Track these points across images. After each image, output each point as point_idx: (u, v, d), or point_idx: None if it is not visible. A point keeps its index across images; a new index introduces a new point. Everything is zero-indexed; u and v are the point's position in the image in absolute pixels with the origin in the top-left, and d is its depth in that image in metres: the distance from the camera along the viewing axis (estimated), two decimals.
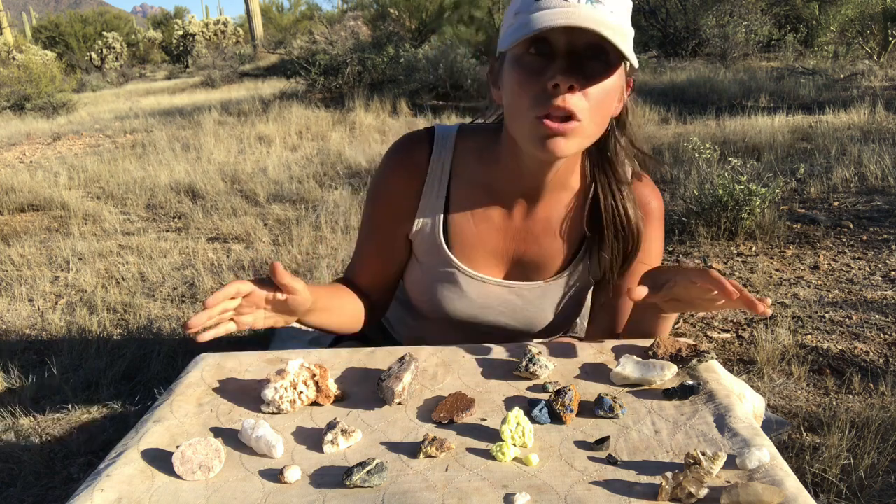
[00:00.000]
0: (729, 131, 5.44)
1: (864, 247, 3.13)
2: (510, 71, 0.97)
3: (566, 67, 0.91)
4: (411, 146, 1.17)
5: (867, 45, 9.71)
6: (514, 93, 0.96)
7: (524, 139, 0.98)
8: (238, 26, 23.46)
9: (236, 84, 12.95)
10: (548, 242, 1.16)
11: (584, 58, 0.92)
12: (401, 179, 1.16)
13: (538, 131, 0.94)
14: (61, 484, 1.82)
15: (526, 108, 0.94)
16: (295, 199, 4.44)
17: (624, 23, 0.94)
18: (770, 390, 2.06)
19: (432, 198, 1.16)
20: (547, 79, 0.91)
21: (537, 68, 0.93)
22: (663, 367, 0.93)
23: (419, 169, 1.15)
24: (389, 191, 1.17)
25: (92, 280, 3.22)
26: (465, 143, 1.16)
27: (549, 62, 0.93)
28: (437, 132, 1.17)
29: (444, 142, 1.16)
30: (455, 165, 1.15)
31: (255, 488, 0.75)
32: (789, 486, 0.71)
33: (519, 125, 0.97)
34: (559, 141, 0.94)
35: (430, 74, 8.31)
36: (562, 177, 1.10)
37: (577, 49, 0.92)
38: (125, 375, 2.33)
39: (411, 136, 1.18)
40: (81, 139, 7.54)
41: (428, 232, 1.16)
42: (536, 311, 1.20)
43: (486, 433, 0.84)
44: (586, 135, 0.97)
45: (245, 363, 1.02)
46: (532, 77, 0.93)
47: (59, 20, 25.88)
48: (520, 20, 0.93)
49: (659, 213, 1.19)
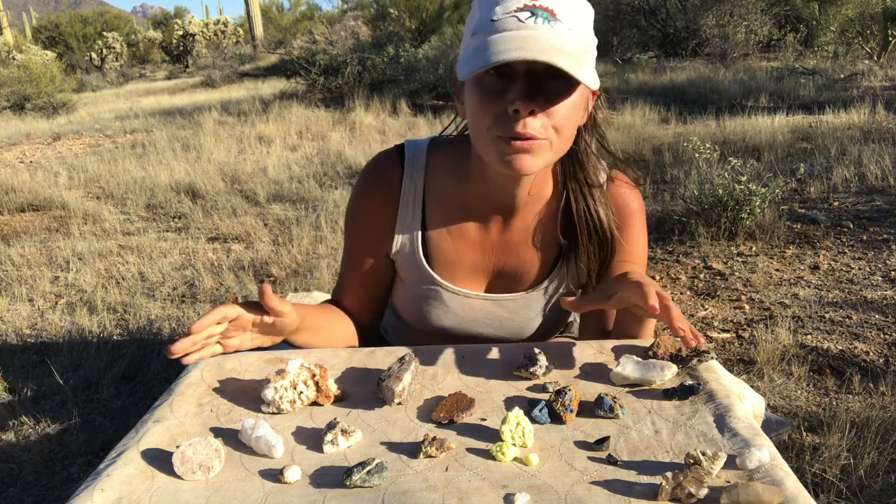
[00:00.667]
0: (729, 131, 5.44)
1: (864, 247, 3.13)
2: (471, 91, 0.96)
3: (526, 91, 0.90)
4: (383, 167, 1.16)
5: (867, 45, 9.71)
6: (475, 113, 0.95)
7: (489, 157, 0.97)
8: (238, 26, 23.47)
9: (236, 84, 12.95)
10: (526, 253, 1.16)
11: (544, 78, 0.91)
12: (375, 201, 1.15)
13: (501, 149, 0.93)
14: (61, 484, 1.82)
15: (487, 128, 0.94)
16: (295, 199, 4.44)
17: (584, 37, 0.93)
18: (770, 390, 2.06)
19: (408, 217, 1.15)
20: (507, 102, 0.90)
21: (498, 89, 0.92)
22: (663, 367, 0.93)
23: (392, 189, 1.14)
24: (365, 213, 1.17)
25: (92, 280, 3.22)
26: (435, 159, 1.15)
27: (508, 83, 0.92)
28: (406, 149, 1.16)
29: (414, 160, 1.15)
30: (428, 182, 1.14)
31: (255, 488, 0.75)
32: (789, 486, 0.71)
33: (483, 144, 0.97)
34: (524, 158, 0.93)
35: (430, 74, 8.31)
36: (535, 188, 1.10)
37: (536, 70, 0.91)
38: (125, 375, 2.33)
39: (382, 156, 1.18)
40: (81, 139, 7.55)
41: (408, 251, 1.16)
42: (522, 321, 1.20)
43: (486, 433, 0.84)
44: (552, 151, 0.96)
45: (245, 363, 1.02)
46: (492, 99, 0.92)
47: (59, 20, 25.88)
48: (477, 42, 0.92)
49: (639, 212, 1.17)
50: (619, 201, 1.14)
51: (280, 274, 3.18)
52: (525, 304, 1.19)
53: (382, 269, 1.20)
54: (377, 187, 1.15)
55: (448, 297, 1.17)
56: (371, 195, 1.16)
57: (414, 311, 1.21)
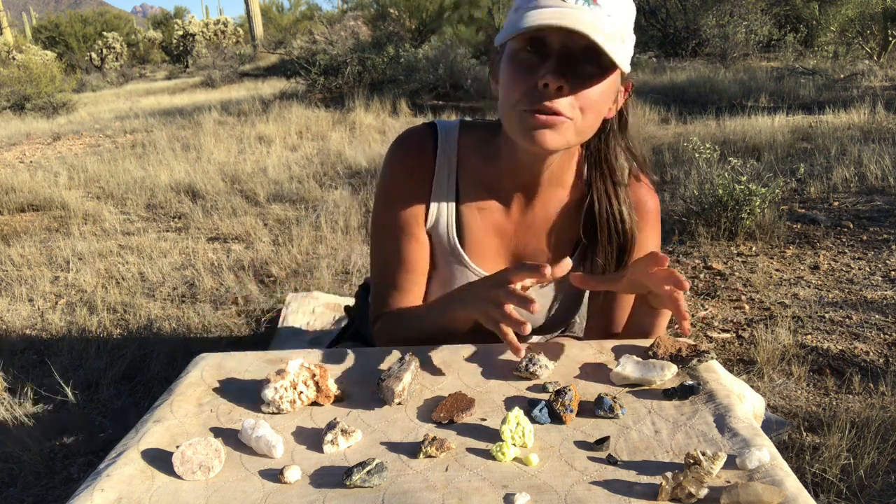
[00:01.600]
0: (729, 131, 5.44)
1: (864, 247, 3.13)
2: (506, 65, 0.98)
3: (557, 68, 0.92)
4: (416, 138, 1.15)
5: (867, 45, 9.71)
6: (506, 86, 0.97)
7: (514, 130, 0.98)
8: (238, 26, 23.47)
9: (236, 84, 12.95)
10: (544, 239, 1.17)
11: (578, 60, 0.93)
12: (413, 169, 1.14)
13: (526, 122, 0.95)
14: (61, 484, 1.82)
15: (515, 101, 0.95)
16: (295, 199, 4.44)
17: (622, 27, 0.94)
18: (770, 390, 2.06)
19: (443, 192, 1.14)
20: (538, 77, 0.92)
21: (531, 65, 0.94)
22: (663, 367, 0.93)
23: (427, 159, 1.14)
24: (403, 187, 1.14)
25: (92, 280, 3.22)
26: (466, 138, 1.16)
27: (542, 60, 0.93)
28: (439, 127, 1.16)
29: (448, 136, 1.15)
30: (460, 159, 1.15)
31: (255, 488, 0.75)
32: (789, 486, 0.71)
33: (509, 117, 0.98)
34: (546, 133, 0.95)
35: (430, 74, 8.31)
36: (556, 173, 1.11)
37: (572, 51, 0.92)
38: (125, 375, 2.33)
39: (415, 129, 1.17)
40: (81, 139, 7.54)
41: (443, 231, 1.15)
42: (544, 310, 1.20)
43: (486, 433, 0.84)
44: (575, 132, 0.97)
45: (245, 363, 1.02)
46: (525, 73, 0.94)
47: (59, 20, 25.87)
48: (518, 16, 0.94)
49: (655, 212, 1.19)
50: (637, 201, 1.16)
51: (280, 274, 3.18)
52: (539, 294, 1.19)
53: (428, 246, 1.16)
54: (413, 157, 1.14)
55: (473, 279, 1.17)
56: (408, 165, 1.14)
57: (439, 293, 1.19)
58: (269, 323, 2.68)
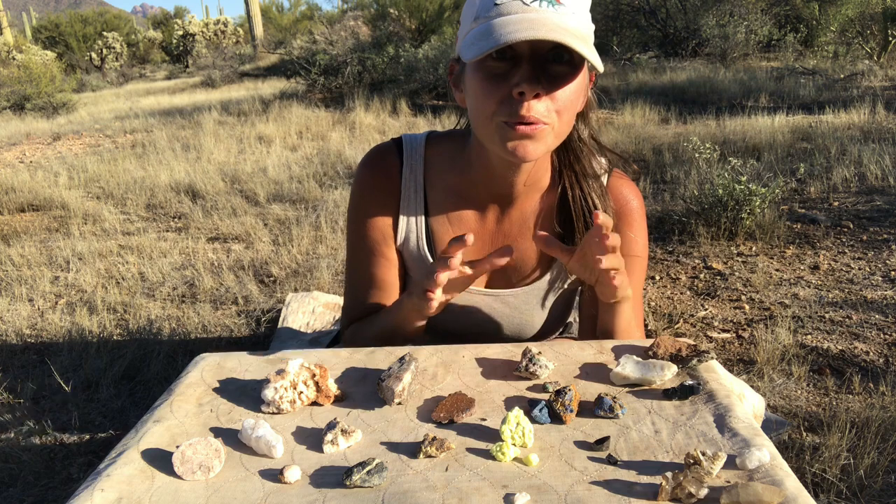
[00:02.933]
0: (729, 131, 5.44)
1: (864, 247, 3.12)
2: (473, 76, 0.95)
3: (531, 74, 0.90)
4: (381, 158, 1.15)
5: (867, 45, 9.71)
6: (478, 98, 0.95)
7: (492, 143, 0.97)
8: (238, 26, 23.47)
9: (236, 84, 12.95)
10: (524, 244, 1.15)
11: (548, 60, 0.92)
12: (378, 191, 1.15)
13: (506, 135, 0.93)
14: (61, 484, 1.82)
15: (491, 114, 0.93)
16: (295, 199, 4.44)
17: (585, 23, 0.93)
18: (770, 390, 2.06)
19: (411, 209, 1.15)
20: (512, 85, 0.90)
21: (500, 73, 0.92)
22: (663, 367, 0.93)
23: (392, 180, 1.14)
24: (369, 205, 1.16)
25: (92, 280, 3.22)
26: (434, 151, 1.15)
27: (512, 67, 0.92)
28: (405, 142, 1.16)
29: (413, 152, 1.15)
30: (427, 174, 1.14)
31: (255, 488, 0.75)
32: (789, 486, 0.71)
33: (485, 130, 0.96)
34: (527, 144, 0.94)
35: (430, 74, 8.31)
36: (534, 177, 1.10)
37: (540, 53, 0.91)
38: (125, 375, 2.33)
39: (380, 148, 1.17)
40: (81, 139, 7.54)
41: (413, 245, 1.16)
42: (524, 317, 1.20)
43: (486, 433, 0.84)
44: (554, 136, 0.96)
45: (245, 363, 1.02)
46: (496, 82, 0.92)
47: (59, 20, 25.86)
48: (481, 27, 0.91)
49: (640, 211, 1.17)
50: (620, 198, 1.14)
51: (280, 274, 3.18)
52: (526, 300, 1.18)
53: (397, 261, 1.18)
54: (378, 179, 1.15)
55: None
56: (373, 187, 1.15)
57: None
58: (269, 323, 2.68)
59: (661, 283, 2.92)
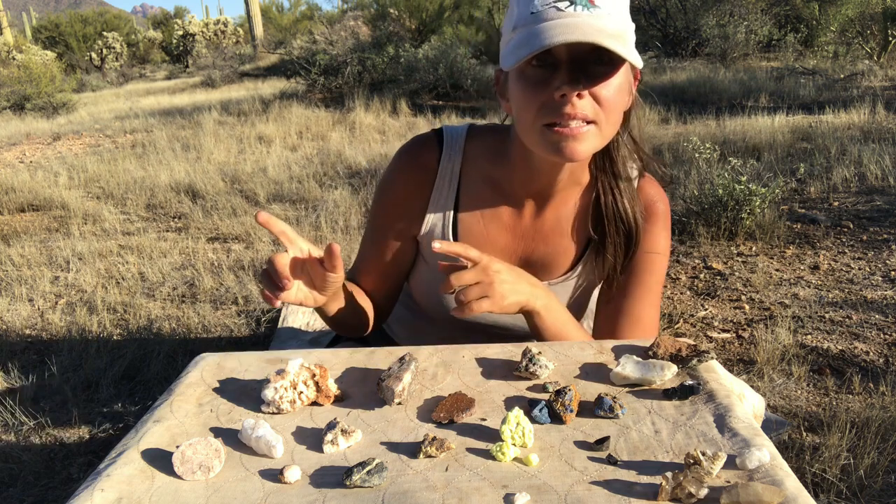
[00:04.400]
0: (729, 131, 5.44)
1: (864, 247, 3.12)
2: (515, 84, 0.97)
3: (570, 76, 0.91)
4: (421, 149, 1.17)
5: (867, 45, 9.71)
6: (521, 106, 0.97)
7: (539, 148, 0.98)
8: (238, 26, 23.47)
9: (236, 84, 12.95)
10: (556, 241, 1.17)
11: (587, 63, 0.93)
12: (410, 182, 1.17)
13: (550, 139, 0.95)
14: (61, 484, 1.82)
15: (534, 119, 0.95)
16: (295, 199, 4.44)
17: (623, 23, 0.94)
18: (770, 390, 2.06)
19: (442, 199, 1.16)
20: (553, 89, 0.92)
21: (542, 79, 0.94)
22: (663, 367, 0.93)
23: (429, 171, 1.16)
24: (398, 193, 1.18)
25: (92, 280, 3.22)
26: (474, 144, 1.16)
27: (552, 72, 0.93)
28: (445, 134, 1.17)
29: (453, 144, 1.16)
30: (465, 167, 1.15)
31: (255, 488, 0.75)
32: (789, 486, 0.71)
33: (530, 136, 0.98)
34: (574, 145, 0.95)
35: (430, 74, 8.31)
36: (574, 176, 1.11)
37: (580, 56, 0.92)
38: (125, 375, 2.33)
39: (420, 138, 1.19)
40: (81, 139, 7.54)
41: (438, 232, 1.17)
42: None
43: (486, 433, 0.84)
44: (602, 135, 0.97)
45: (245, 363, 1.02)
46: (537, 88, 0.94)
47: (59, 20, 25.86)
48: (519, 35, 0.93)
49: (665, 214, 1.19)
50: (646, 200, 1.16)
51: None
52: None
53: (407, 251, 1.20)
54: (414, 170, 1.17)
55: None
56: (407, 177, 1.17)
57: (434, 295, 1.21)
58: (269, 323, 2.68)
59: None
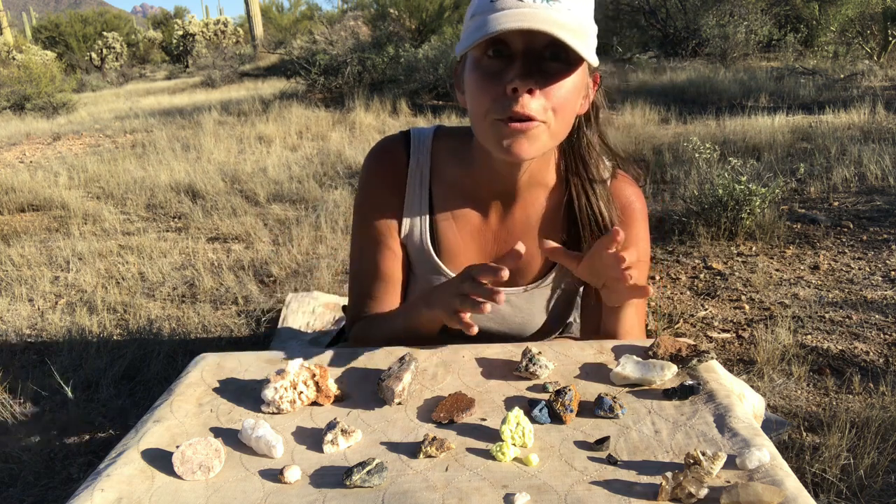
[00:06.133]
0: (729, 131, 5.44)
1: (864, 247, 3.12)
2: (470, 74, 0.96)
3: (524, 70, 0.90)
4: (388, 150, 1.16)
5: (867, 45, 9.71)
6: (473, 96, 0.96)
7: (487, 141, 0.97)
8: (238, 26, 23.46)
9: (236, 84, 12.95)
10: (527, 244, 1.14)
11: (543, 58, 0.91)
12: (383, 184, 1.15)
13: (500, 132, 0.93)
14: (61, 484, 1.82)
15: (485, 111, 0.94)
16: (295, 199, 4.44)
17: (583, 20, 0.92)
18: (770, 390, 2.06)
19: (416, 202, 1.15)
20: (506, 82, 0.90)
21: (495, 70, 0.92)
22: (663, 367, 0.93)
23: (398, 174, 1.14)
24: (375, 197, 1.16)
25: (92, 280, 3.22)
26: (441, 145, 1.15)
27: (507, 64, 0.92)
28: (412, 135, 1.16)
29: (420, 144, 1.15)
30: (433, 168, 1.14)
31: (255, 488, 0.75)
32: (789, 486, 0.71)
33: (481, 129, 0.97)
34: (521, 142, 0.93)
35: (430, 74, 8.31)
36: (535, 175, 1.10)
37: (535, 50, 0.91)
38: (125, 375, 2.33)
39: (387, 141, 1.17)
40: (81, 139, 7.54)
41: (416, 238, 1.16)
42: (525, 316, 1.20)
43: (486, 433, 0.84)
44: (550, 135, 0.96)
45: (245, 363, 1.02)
46: (490, 80, 0.92)
47: (59, 20, 25.85)
48: (476, 23, 0.92)
49: (642, 213, 1.17)
50: (623, 200, 1.14)
51: (280, 274, 3.18)
52: (528, 300, 1.18)
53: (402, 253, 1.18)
54: (385, 172, 1.15)
55: None
56: (379, 178, 1.16)
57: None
58: (269, 323, 2.68)
59: (661, 283, 2.92)
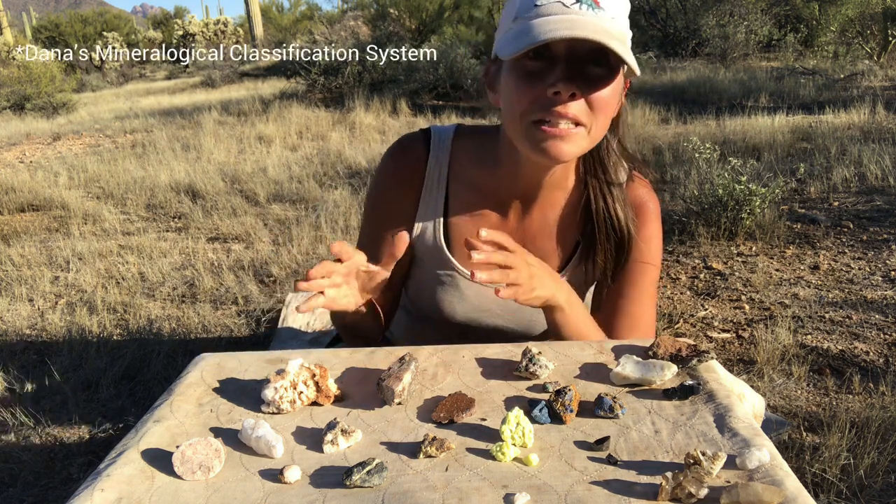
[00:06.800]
0: (729, 131, 5.44)
1: (864, 247, 3.12)
2: (509, 75, 0.96)
3: (567, 74, 0.90)
4: (408, 149, 1.17)
5: (867, 45, 9.71)
6: (512, 97, 0.95)
7: (523, 144, 0.97)
8: (238, 26, 23.47)
9: (236, 84, 12.95)
10: (543, 243, 1.16)
11: (586, 62, 0.92)
12: (399, 183, 1.16)
13: (537, 136, 0.93)
14: (61, 484, 1.82)
15: (524, 113, 0.94)
16: (295, 199, 4.44)
17: (624, 28, 0.94)
18: (770, 390, 2.06)
19: (431, 200, 1.15)
20: (548, 85, 0.91)
21: (537, 73, 0.92)
22: (663, 367, 0.93)
23: (417, 172, 1.15)
24: (389, 195, 1.17)
25: (92, 280, 3.22)
26: (461, 144, 1.16)
27: (548, 67, 0.92)
28: (433, 133, 1.17)
29: (440, 143, 1.15)
30: (452, 167, 1.15)
31: (255, 488, 0.75)
32: (789, 486, 0.71)
33: (517, 130, 0.97)
34: (560, 145, 0.94)
35: (430, 74, 8.31)
36: (559, 178, 1.10)
37: (578, 54, 0.91)
38: (125, 375, 2.33)
39: (407, 138, 1.18)
40: (81, 139, 7.54)
41: (429, 235, 1.16)
42: (534, 314, 1.20)
43: (486, 433, 0.84)
44: (589, 138, 0.97)
45: (245, 363, 1.02)
46: (531, 82, 0.92)
47: (59, 20, 25.86)
48: (520, 26, 0.92)
49: (655, 213, 1.18)
50: (637, 201, 1.15)
51: (280, 274, 3.18)
52: None
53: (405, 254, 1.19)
54: (402, 170, 1.16)
55: (464, 285, 1.17)
56: (396, 178, 1.16)
57: (427, 296, 1.20)
58: (269, 323, 2.68)
59: (662, 283, 2.92)
